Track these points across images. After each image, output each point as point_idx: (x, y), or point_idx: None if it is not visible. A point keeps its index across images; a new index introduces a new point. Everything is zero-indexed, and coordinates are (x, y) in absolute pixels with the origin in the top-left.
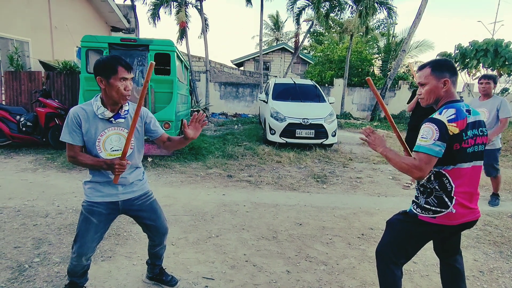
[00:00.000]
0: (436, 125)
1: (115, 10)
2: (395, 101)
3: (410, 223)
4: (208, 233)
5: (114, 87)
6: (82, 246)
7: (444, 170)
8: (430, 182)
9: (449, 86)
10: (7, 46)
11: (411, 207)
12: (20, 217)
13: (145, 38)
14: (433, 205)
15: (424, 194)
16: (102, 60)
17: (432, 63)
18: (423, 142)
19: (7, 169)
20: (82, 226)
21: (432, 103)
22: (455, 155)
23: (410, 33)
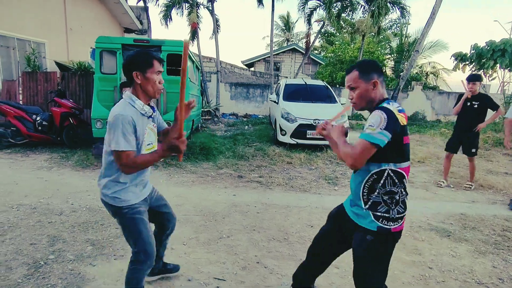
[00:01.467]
0: (386, 113)
1: (128, 11)
2: (408, 102)
3: (386, 242)
4: (219, 233)
5: (151, 81)
6: (151, 245)
7: (402, 168)
8: (395, 186)
9: (378, 87)
10: (24, 48)
11: (379, 224)
12: (35, 215)
13: (158, 39)
14: (402, 212)
15: (392, 203)
16: (136, 55)
17: (358, 66)
18: (368, 130)
19: (24, 167)
20: (141, 228)
21: (365, 107)
22: (407, 150)
23: (423, 33)
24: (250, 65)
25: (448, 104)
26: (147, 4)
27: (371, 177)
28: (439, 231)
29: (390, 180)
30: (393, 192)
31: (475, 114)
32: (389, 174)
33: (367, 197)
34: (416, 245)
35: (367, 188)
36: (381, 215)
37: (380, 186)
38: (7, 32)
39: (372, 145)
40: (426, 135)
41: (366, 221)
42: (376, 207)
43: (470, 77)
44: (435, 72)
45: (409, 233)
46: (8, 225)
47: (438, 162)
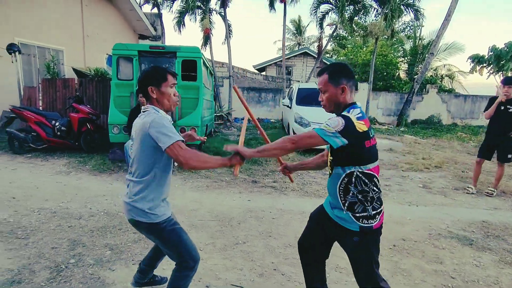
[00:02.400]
0: (344, 120)
1: (142, 18)
2: (422, 106)
3: (372, 239)
4: (235, 239)
5: (166, 94)
6: (195, 249)
7: (370, 169)
8: (367, 186)
9: (346, 92)
10: (44, 55)
11: (360, 224)
12: (56, 219)
13: (173, 45)
14: (378, 208)
15: (367, 201)
16: (150, 70)
17: (329, 70)
18: (324, 127)
19: (44, 172)
20: (184, 237)
21: (334, 110)
22: (371, 152)
23: (438, 35)
24: (261, 69)
25: (465, 108)
26: (161, 10)
27: (343, 180)
28: (460, 239)
29: (360, 181)
30: (365, 191)
31: (510, 118)
32: (358, 175)
33: (343, 198)
34: (437, 254)
35: (342, 190)
36: (360, 215)
37: (352, 186)
38: (28, 41)
39: (321, 139)
40: (443, 139)
41: (348, 223)
42: (353, 207)
43: (506, 80)
44: (450, 74)
45: (429, 241)
46: (30, 229)
47: (456, 167)
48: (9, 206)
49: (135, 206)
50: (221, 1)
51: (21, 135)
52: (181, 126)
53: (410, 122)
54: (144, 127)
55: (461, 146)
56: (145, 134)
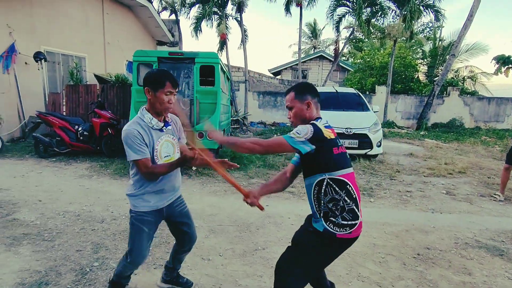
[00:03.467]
0: (313, 127)
1: (161, 25)
2: (443, 109)
3: (327, 243)
4: (254, 245)
5: (159, 99)
6: (138, 255)
7: (341, 176)
8: (338, 194)
9: (312, 107)
10: (67, 62)
11: (325, 226)
12: (79, 222)
13: (191, 51)
14: (349, 219)
15: (337, 210)
16: (153, 73)
17: (295, 88)
18: (293, 135)
19: (67, 175)
20: (136, 236)
21: (300, 124)
22: (341, 159)
23: (460, 36)
24: (276, 73)
25: (489, 110)
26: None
27: (314, 189)
28: (489, 249)
29: (330, 188)
30: (335, 199)
31: None
32: (328, 182)
33: (318, 209)
34: (465, 264)
35: (316, 200)
36: (329, 218)
37: (323, 195)
38: (53, 48)
39: (290, 146)
40: (466, 143)
41: (316, 224)
42: (327, 216)
43: None
44: (472, 76)
45: (455, 250)
46: (56, 231)
47: (481, 173)
48: (36, 209)
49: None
50: (237, 7)
51: (46, 139)
52: (199, 131)
53: (430, 126)
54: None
55: (486, 151)
56: None
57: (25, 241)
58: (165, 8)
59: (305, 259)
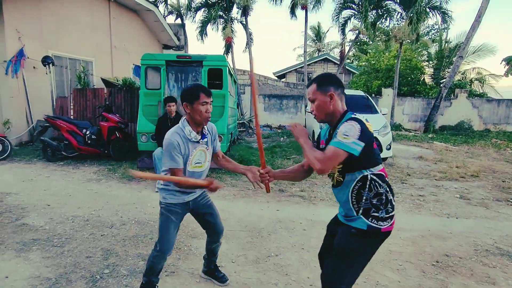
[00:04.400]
0: (358, 123)
1: (166, 29)
2: (451, 111)
3: (372, 239)
4: (267, 251)
5: (197, 111)
6: (166, 242)
7: (380, 170)
8: (382, 188)
9: (335, 99)
10: (75, 66)
11: (368, 223)
12: (89, 227)
13: (199, 54)
14: (391, 211)
15: (382, 204)
16: (187, 89)
17: (317, 79)
18: (343, 139)
19: (75, 179)
20: (164, 224)
21: (325, 119)
22: (378, 153)
23: (468, 37)
24: (281, 76)
25: (498, 112)
26: (184, 21)
27: (355, 185)
28: (511, 256)
29: (375, 183)
30: (380, 193)
31: None
32: (372, 178)
33: (357, 206)
34: (487, 272)
35: (354, 197)
36: (371, 214)
37: (367, 191)
38: (61, 53)
39: (345, 152)
40: (476, 146)
41: (355, 222)
42: (369, 212)
43: None
44: (480, 78)
45: (476, 258)
46: (65, 237)
47: (495, 176)
48: (44, 213)
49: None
50: (242, 10)
51: (54, 143)
52: None
53: (438, 128)
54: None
55: (498, 154)
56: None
57: (34, 247)
58: (171, 12)
59: (356, 262)
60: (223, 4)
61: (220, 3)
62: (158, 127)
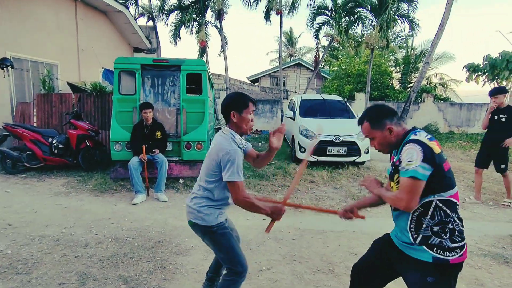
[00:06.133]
0: (419, 145)
1: (137, 31)
2: (419, 114)
3: (449, 280)
4: (258, 265)
5: (245, 120)
6: (243, 259)
7: (451, 196)
8: (448, 217)
9: (394, 131)
10: (37, 69)
11: (433, 254)
12: (60, 247)
13: (177, 58)
14: (459, 241)
15: (445, 233)
16: (234, 97)
17: (367, 116)
18: (408, 165)
19: (41, 193)
20: (231, 244)
21: (391, 149)
22: (450, 176)
23: (433, 45)
24: (255, 80)
25: (461, 115)
26: (156, 23)
27: (416, 211)
28: (494, 256)
29: (440, 211)
30: (444, 222)
31: (503, 128)
32: (437, 205)
33: (415, 233)
34: (475, 274)
35: (414, 223)
36: (435, 244)
37: (429, 218)
38: (21, 55)
39: (418, 180)
40: (444, 148)
41: (418, 252)
42: (427, 241)
43: (491, 92)
44: (443, 83)
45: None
46: (32, 261)
47: (465, 177)
48: (5, 235)
49: (193, 209)
50: (216, 14)
51: (15, 154)
52: (186, 142)
53: None
54: (219, 152)
55: (464, 155)
56: (218, 158)
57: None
58: (142, 15)
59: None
60: (197, 7)
61: (194, 6)
62: (133, 135)
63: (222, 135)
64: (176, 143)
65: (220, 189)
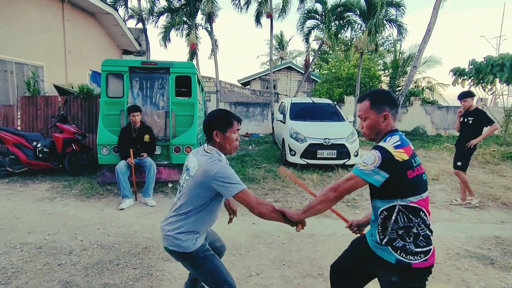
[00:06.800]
0: (380, 152)
1: (127, 33)
2: (407, 118)
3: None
4: (247, 270)
5: (230, 139)
6: (230, 276)
7: (415, 202)
8: (411, 222)
9: (389, 120)
10: (22, 71)
11: (397, 256)
12: (42, 255)
13: (166, 61)
14: (423, 246)
15: (409, 237)
16: (217, 114)
17: (371, 96)
18: (362, 166)
19: (24, 198)
20: (216, 266)
21: (374, 138)
22: (416, 183)
23: (420, 49)
24: (246, 83)
25: (448, 119)
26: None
27: (381, 213)
28: (479, 258)
29: (403, 216)
30: (408, 227)
31: (470, 130)
32: (400, 209)
33: (382, 234)
34: (462, 276)
35: (380, 224)
36: (399, 247)
37: (393, 222)
38: (5, 56)
39: (363, 180)
40: (432, 150)
41: (384, 253)
42: (392, 243)
43: (460, 95)
44: (430, 87)
45: (449, 262)
46: (12, 271)
47: (452, 179)
48: None
49: (171, 236)
50: (207, 17)
51: None
52: (175, 145)
53: None
54: (207, 174)
55: (451, 157)
56: (207, 182)
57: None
58: (131, 17)
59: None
60: (187, 10)
61: (184, 9)
62: (121, 138)
63: (206, 155)
64: (165, 147)
65: (204, 213)
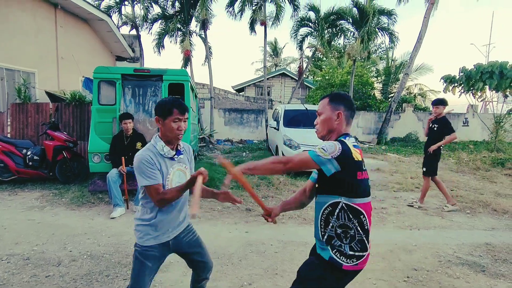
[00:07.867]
0: (341, 145)
1: (120, 40)
2: (400, 124)
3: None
4: (239, 280)
5: (169, 127)
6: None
7: (357, 204)
8: (350, 222)
9: (341, 119)
10: (13, 78)
11: (331, 254)
12: (29, 267)
13: (159, 68)
14: (357, 251)
15: (346, 239)
16: (161, 102)
17: (332, 95)
18: (319, 152)
19: (13, 207)
20: (138, 271)
21: (325, 135)
22: (362, 186)
23: (412, 57)
24: (240, 90)
25: None
26: (140, 32)
27: (326, 209)
28: (471, 265)
29: (344, 214)
30: (347, 226)
31: (435, 136)
32: (343, 207)
33: (323, 230)
34: (453, 284)
35: (323, 220)
36: (335, 246)
37: (335, 218)
38: None
39: (315, 164)
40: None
41: (323, 252)
42: (331, 241)
43: (434, 102)
44: (422, 93)
45: (441, 269)
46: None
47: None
48: None
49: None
50: (201, 24)
51: None
52: None
53: (389, 140)
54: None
55: (442, 163)
56: None
57: None
58: (125, 23)
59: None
60: (181, 17)
61: (178, 15)
62: (113, 146)
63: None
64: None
65: (150, 205)
